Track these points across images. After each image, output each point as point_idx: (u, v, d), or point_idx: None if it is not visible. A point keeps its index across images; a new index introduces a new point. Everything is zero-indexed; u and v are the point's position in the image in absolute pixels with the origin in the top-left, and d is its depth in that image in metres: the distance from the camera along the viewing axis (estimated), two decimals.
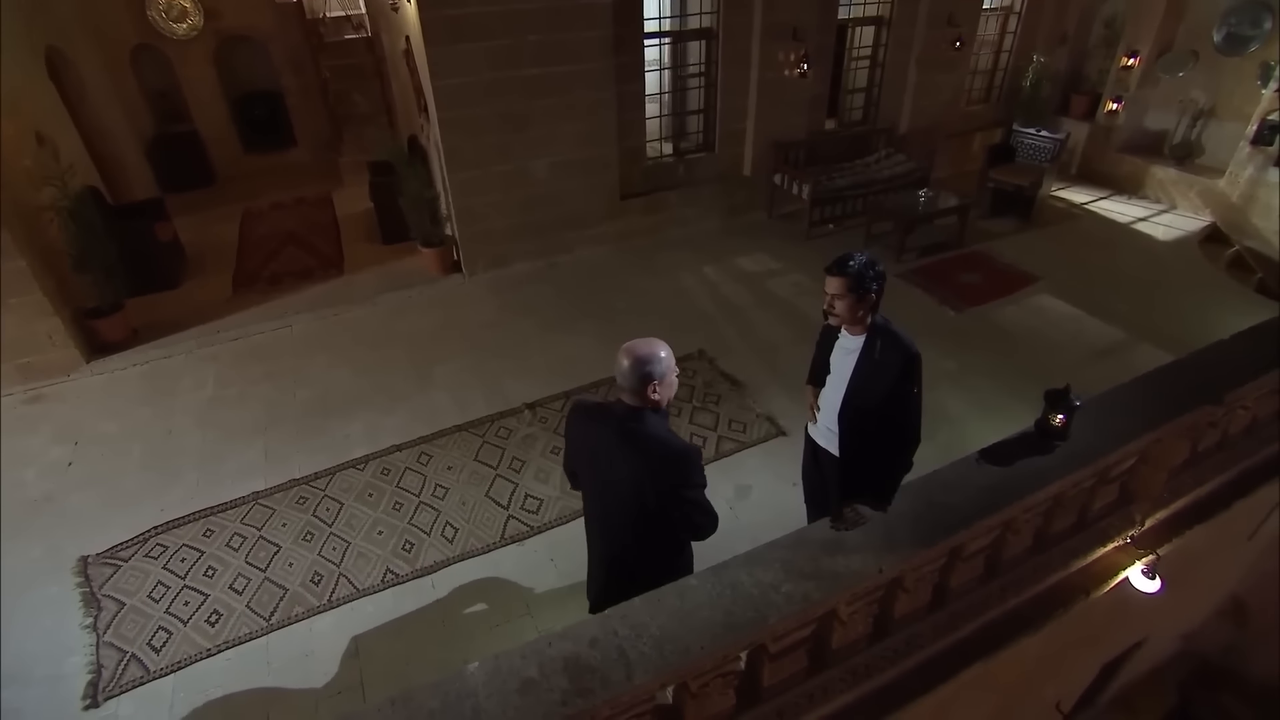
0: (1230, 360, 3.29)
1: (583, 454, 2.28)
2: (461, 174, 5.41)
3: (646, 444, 2.06)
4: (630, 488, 2.14)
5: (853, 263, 2.37)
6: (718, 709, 2.41)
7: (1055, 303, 5.56)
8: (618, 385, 2.08)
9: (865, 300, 2.42)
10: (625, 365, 2.04)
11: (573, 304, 5.65)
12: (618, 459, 2.11)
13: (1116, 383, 4.62)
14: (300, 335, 5.31)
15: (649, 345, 2.07)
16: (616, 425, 2.09)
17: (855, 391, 2.59)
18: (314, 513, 3.78)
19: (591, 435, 2.19)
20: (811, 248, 6.49)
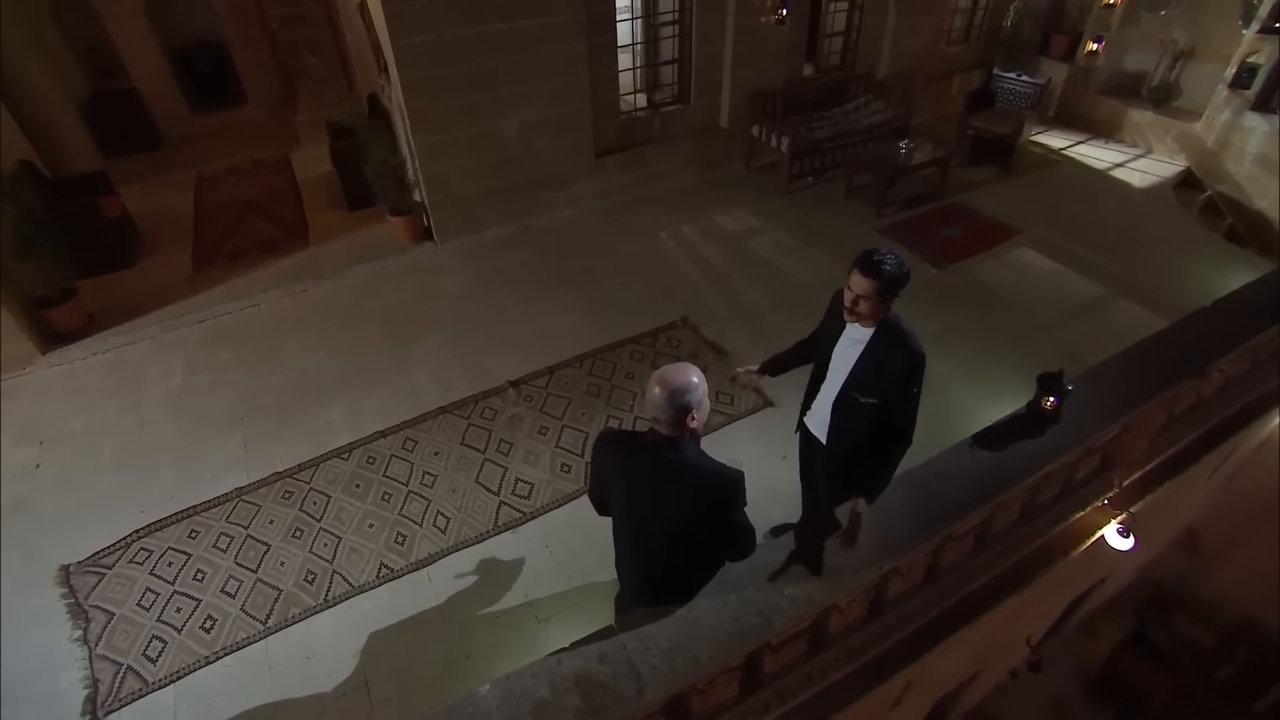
0: (1210, 329, 3.34)
1: (615, 487, 2.18)
2: (428, 138, 5.14)
3: (693, 477, 1.98)
4: (676, 522, 2.05)
5: (886, 266, 2.26)
6: (721, 699, 2.47)
7: (1036, 257, 5.57)
8: (651, 416, 1.97)
9: (889, 301, 2.34)
10: (660, 397, 1.91)
11: (550, 271, 5.50)
12: (663, 495, 2.03)
13: (1096, 341, 4.72)
14: (269, 314, 5.11)
15: (682, 373, 1.93)
16: (654, 459, 2.00)
17: (854, 382, 2.55)
18: (301, 507, 3.72)
19: (625, 469, 2.10)
20: (791, 203, 6.37)
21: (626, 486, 2.13)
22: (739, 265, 5.59)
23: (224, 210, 6.24)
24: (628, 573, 2.42)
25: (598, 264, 5.58)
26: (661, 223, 6.07)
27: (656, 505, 2.06)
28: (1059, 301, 5.11)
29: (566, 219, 6.10)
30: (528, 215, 5.93)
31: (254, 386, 4.49)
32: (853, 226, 5.99)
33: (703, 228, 6.04)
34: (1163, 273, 5.31)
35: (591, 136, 5.80)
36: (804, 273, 5.46)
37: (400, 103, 5.01)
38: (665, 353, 4.73)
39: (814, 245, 5.77)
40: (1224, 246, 5.79)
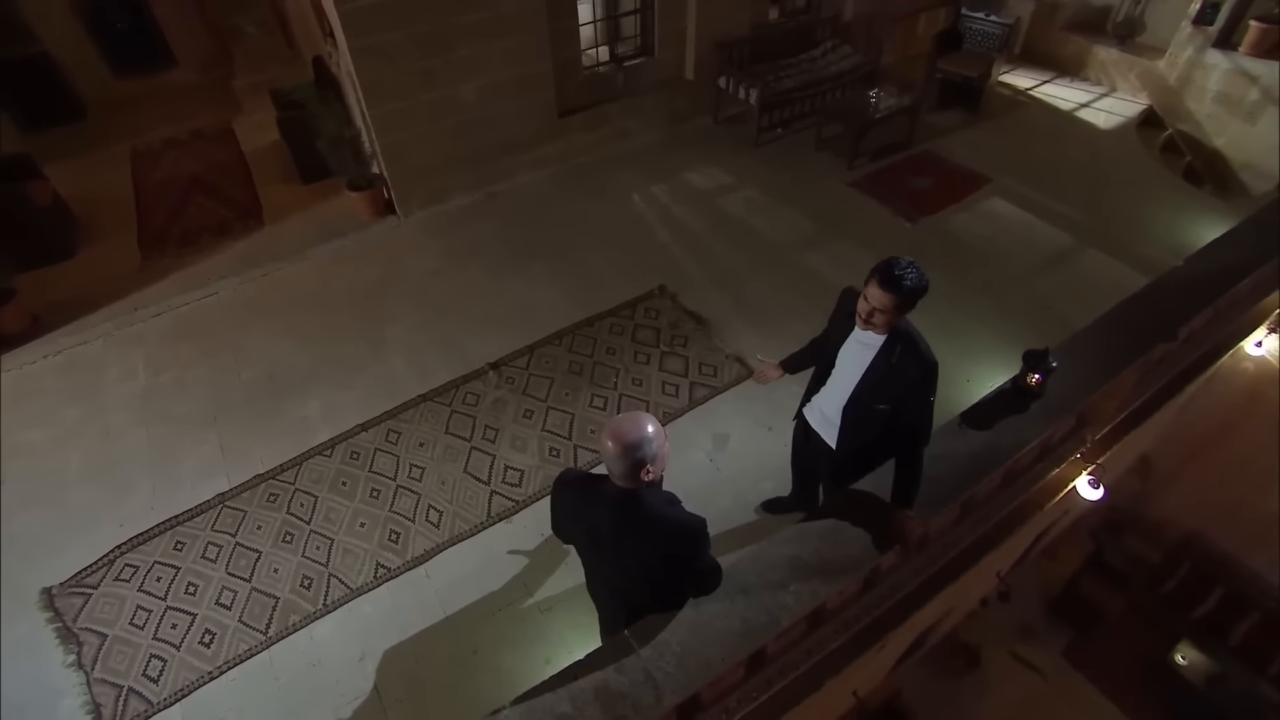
0: (1180, 289, 3.43)
1: (577, 530, 2.17)
2: (383, 108, 4.84)
3: (650, 528, 1.96)
4: (638, 569, 2.07)
5: (907, 281, 2.21)
6: (728, 684, 2.56)
7: (1006, 206, 5.60)
8: (607, 469, 1.91)
9: (905, 311, 2.31)
10: (613, 452, 1.82)
11: (521, 241, 5.34)
12: (623, 545, 2.02)
13: (1069, 292, 4.81)
14: (230, 303, 4.88)
15: (635, 426, 1.83)
16: (612, 511, 1.95)
17: (866, 390, 2.53)
18: (288, 510, 3.66)
19: (585, 517, 2.08)
20: (761, 157, 6.24)
21: (587, 536, 2.13)
22: (713, 227, 5.50)
23: (167, 189, 5.85)
24: (602, 603, 2.46)
25: (568, 232, 5.43)
26: (631, 183, 5.90)
27: (618, 553, 2.06)
28: (1031, 252, 5.17)
29: (532, 183, 5.89)
30: (492, 182, 5.71)
31: (223, 383, 4.33)
32: (825, 181, 5.91)
33: (674, 187, 5.90)
34: (1128, 221, 5.39)
35: (554, 96, 5.54)
36: (780, 232, 5.41)
37: (350, 71, 4.69)
38: (645, 324, 4.68)
39: (788, 202, 5.70)
40: (1184, 189, 5.89)
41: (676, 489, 3.56)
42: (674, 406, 4.15)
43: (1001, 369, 4.27)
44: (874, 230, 5.39)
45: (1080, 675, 6.65)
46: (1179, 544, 7.34)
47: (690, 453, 3.92)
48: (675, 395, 4.23)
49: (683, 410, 4.13)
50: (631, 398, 4.20)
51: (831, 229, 5.43)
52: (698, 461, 3.87)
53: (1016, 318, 4.61)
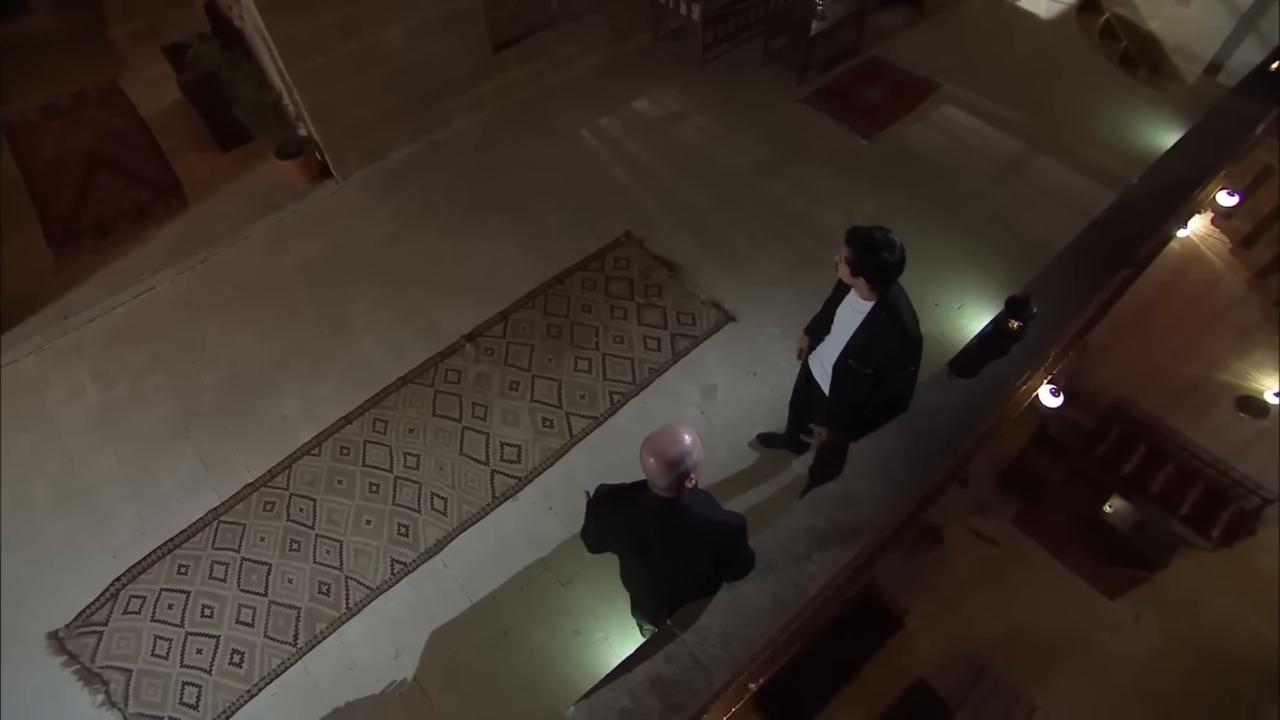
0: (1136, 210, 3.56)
1: (619, 543, 2.26)
2: (304, 65, 4.37)
3: (696, 532, 2.04)
4: (683, 570, 2.18)
5: (858, 235, 2.38)
6: None
7: (957, 113, 5.58)
8: (650, 482, 1.96)
9: (873, 280, 2.38)
10: (657, 469, 1.87)
11: (472, 195, 5.06)
12: (670, 549, 2.10)
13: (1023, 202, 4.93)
14: (171, 299, 4.54)
15: (674, 441, 1.86)
16: (657, 520, 2.02)
17: (851, 351, 2.66)
18: (288, 517, 3.61)
19: (628, 528, 2.15)
20: (708, 76, 5.97)
21: (630, 543, 2.21)
22: (669, 160, 5.32)
23: (61, 169, 5.21)
24: (643, 598, 2.57)
25: (520, 178, 5.17)
26: (578, 118, 5.59)
27: (665, 558, 2.15)
28: (985, 161, 5.23)
29: (474, 127, 5.51)
30: (431, 130, 5.32)
31: (185, 389, 4.11)
32: (776, 99, 5.73)
33: (623, 119, 5.63)
34: (1073, 120, 5.45)
35: (485, 31, 5.09)
36: (738, 161, 5.28)
37: (260, 27, 4.18)
38: (616, 276, 4.61)
39: (742, 127, 5.53)
40: (1121, 81, 5.95)
41: None
42: (658, 361, 4.18)
43: (967, 291, 4.44)
44: (831, 150, 5.33)
45: (1028, 538, 7.38)
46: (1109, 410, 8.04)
47: (681, 407, 4.00)
48: (658, 349, 4.24)
49: (667, 364, 4.16)
50: (615, 356, 4.20)
51: (789, 152, 5.34)
52: (689, 416, 3.96)
53: (977, 234, 4.72)
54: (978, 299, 4.37)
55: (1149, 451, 7.73)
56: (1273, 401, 6.53)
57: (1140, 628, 6.87)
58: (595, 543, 2.34)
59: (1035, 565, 7.27)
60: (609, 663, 3.11)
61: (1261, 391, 6.56)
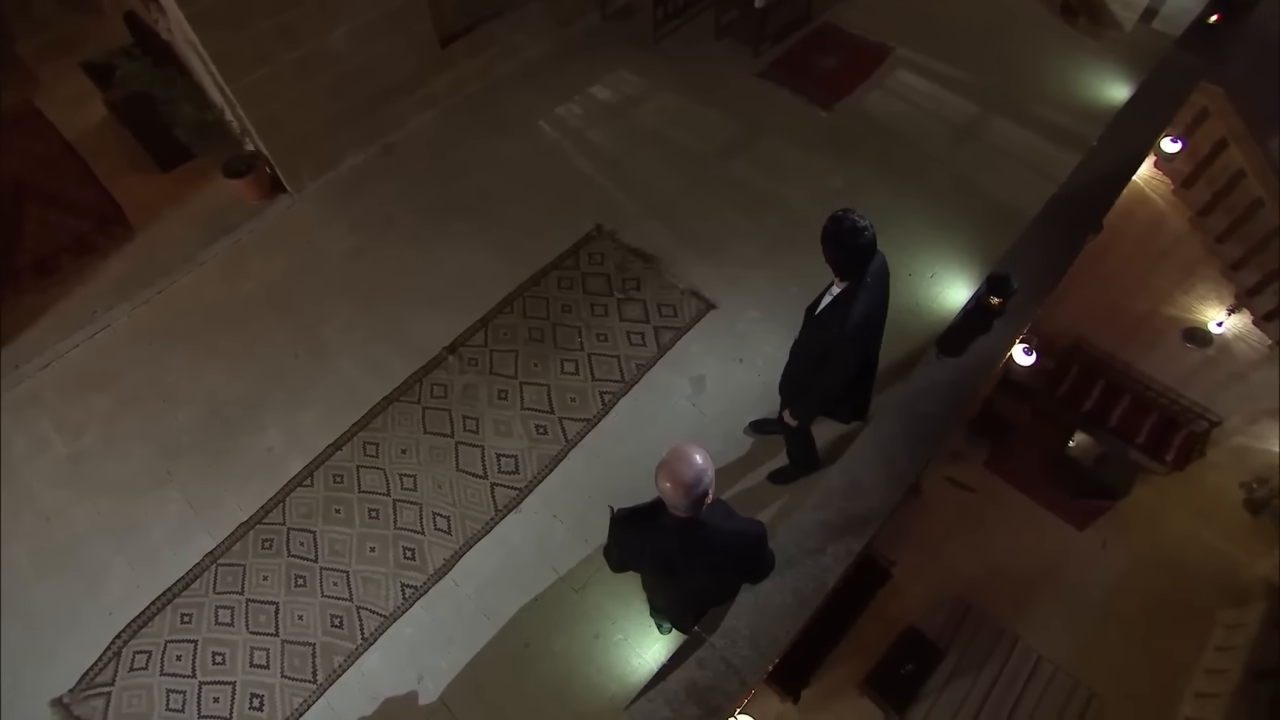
0: (1097, 173, 3.68)
1: (643, 560, 2.31)
2: (245, 79, 4.15)
3: (719, 545, 2.09)
4: (709, 581, 2.24)
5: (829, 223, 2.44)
6: None
7: (912, 78, 5.61)
8: (669, 505, 2.00)
9: (840, 265, 2.47)
10: (675, 494, 1.92)
11: (433, 199, 4.92)
12: (695, 563, 2.15)
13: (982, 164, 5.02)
14: (129, 335, 4.33)
15: (688, 464, 1.91)
16: (680, 539, 2.07)
17: (818, 319, 2.77)
18: (289, 553, 3.55)
19: (649, 546, 2.19)
20: (662, 54, 5.86)
21: (655, 563, 2.27)
22: (632, 146, 5.24)
23: None
24: (669, 608, 2.63)
25: (482, 177, 5.04)
26: (533, 108, 5.45)
27: (690, 574, 2.21)
28: (942, 125, 5.29)
29: (427, 126, 5.33)
30: (384, 133, 5.13)
31: (160, 431, 3.95)
32: (733, 74, 5.67)
33: (581, 106, 5.51)
34: (1023, 76, 5.53)
35: (430, 25, 4.89)
36: (701, 142, 5.24)
37: (193, 41, 3.93)
38: (592, 272, 4.56)
39: (701, 106, 5.47)
40: (1063, 31, 6.02)
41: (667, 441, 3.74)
42: (644, 356, 4.19)
43: (938, 258, 4.52)
44: (793, 124, 5.32)
45: (1000, 480, 7.71)
46: (1068, 350, 8.38)
47: (673, 401, 4.02)
48: (643, 344, 4.24)
49: (653, 358, 4.17)
50: (601, 355, 4.19)
51: (751, 129, 5.31)
52: (682, 409, 3.99)
53: (942, 200, 4.80)
54: (949, 265, 4.46)
55: (1106, 387, 8.12)
56: (1216, 331, 6.91)
57: (1107, 554, 7.30)
58: (619, 563, 2.37)
59: (1008, 505, 7.63)
60: (631, 664, 3.19)
61: (1205, 323, 6.93)
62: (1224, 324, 6.64)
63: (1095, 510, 7.28)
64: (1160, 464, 7.46)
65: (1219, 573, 6.91)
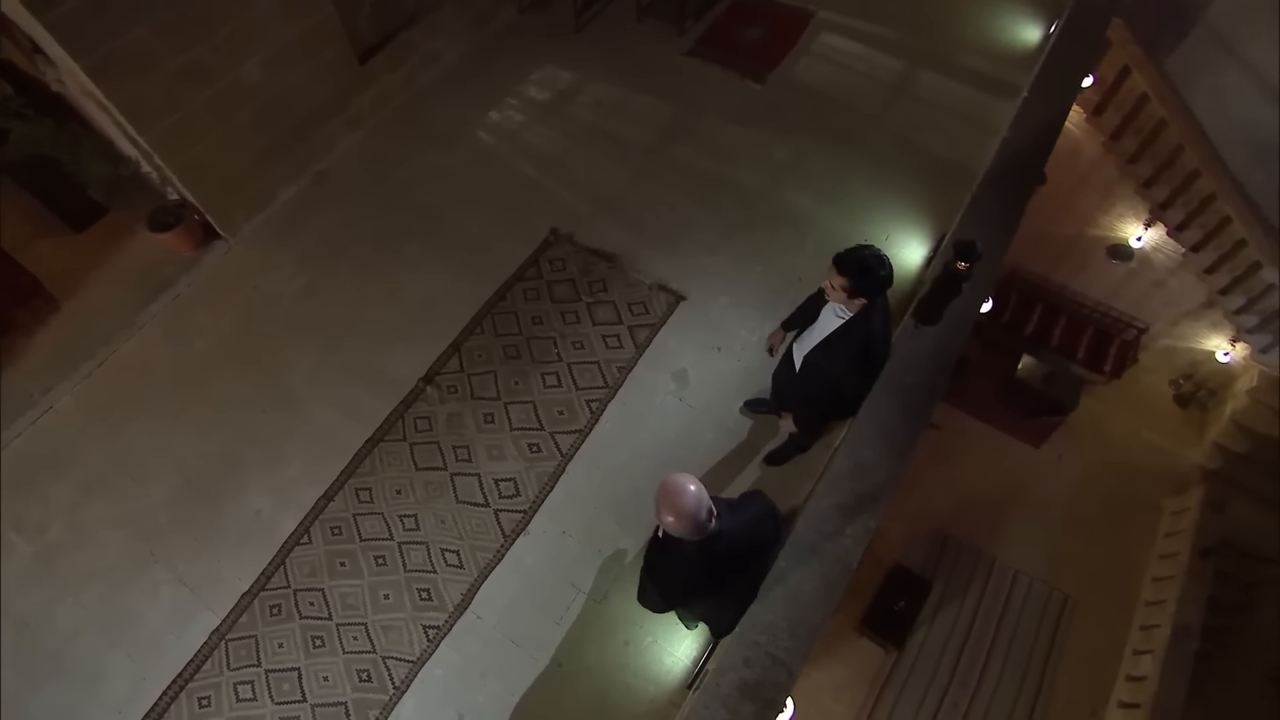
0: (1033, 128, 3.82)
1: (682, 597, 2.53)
2: (158, 127, 3.87)
3: (743, 541, 2.29)
4: (748, 578, 2.41)
5: (875, 278, 2.49)
6: None
7: (838, 40, 5.66)
8: (680, 535, 2.13)
9: (865, 296, 2.54)
10: (681, 525, 2.06)
11: (380, 222, 4.74)
12: (726, 577, 2.32)
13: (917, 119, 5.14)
14: (77, 414, 4.06)
15: (682, 493, 2.05)
16: (706, 558, 2.20)
17: (823, 348, 2.87)
18: (300, 615, 3.46)
19: (682, 583, 2.36)
20: (586, 44, 5.74)
21: (694, 593, 2.44)
22: (573, 144, 5.15)
23: None
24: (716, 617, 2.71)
25: (425, 194, 4.88)
26: (466, 116, 5.28)
27: (730, 583, 2.38)
28: (874, 84, 5.39)
29: (358, 147, 5.10)
30: (314, 161, 4.88)
31: (134, 511, 3.75)
32: (660, 56, 5.61)
33: (513, 108, 5.36)
34: (944, 27, 5.66)
35: (346, 42, 4.65)
36: (640, 131, 5.19)
37: (93, 93, 3.63)
38: (556, 279, 4.52)
39: (635, 92, 5.40)
40: None
41: (661, 440, 3.83)
42: (623, 358, 4.20)
43: (890, 220, 4.65)
44: (728, 101, 5.33)
45: (960, 413, 8.10)
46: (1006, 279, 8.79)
47: (659, 398, 4.06)
48: (620, 345, 4.25)
49: (633, 359, 4.19)
50: (580, 364, 4.18)
51: (688, 112, 5.29)
52: (670, 406, 4.03)
53: (885, 161, 4.92)
54: (902, 226, 4.60)
55: (1044, 309, 8.58)
56: (1136, 246, 7.35)
57: (1063, 465, 7.80)
58: (662, 606, 2.45)
59: (971, 435, 8.03)
60: (665, 664, 3.28)
61: (1126, 239, 7.36)
62: (1142, 238, 7.06)
63: (1048, 427, 7.75)
64: (1100, 375, 7.98)
65: (1161, 466, 7.49)
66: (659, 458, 3.84)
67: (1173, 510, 7.08)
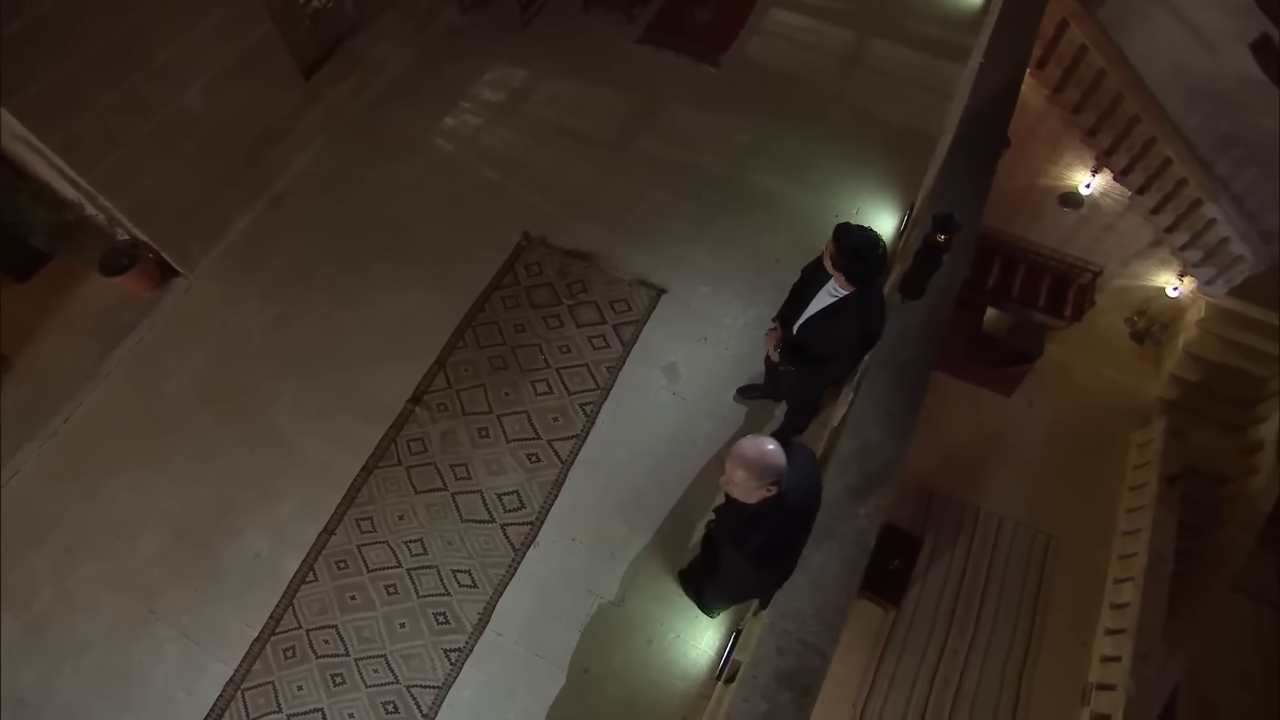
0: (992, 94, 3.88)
1: (780, 556, 2.56)
2: (101, 166, 3.66)
3: (806, 493, 2.41)
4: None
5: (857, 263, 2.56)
6: None
7: (787, 16, 5.66)
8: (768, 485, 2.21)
9: (858, 276, 2.55)
10: (755, 482, 2.16)
11: (345, 242, 4.60)
12: (806, 522, 2.50)
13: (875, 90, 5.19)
14: (47, 475, 3.86)
15: (753, 454, 2.14)
16: (782, 515, 2.30)
17: (816, 318, 2.91)
18: (317, 655, 3.40)
19: (772, 538, 2.41)
20: (535, 39, 5.62)
21: (786, 549, 2.52)
22: (534, 144, 5.06)
23: None
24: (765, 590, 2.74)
25: (388, 208, 4.75)
26: (419, 124, 5.13)
27: (799, 534, 2.50)
28: (828, 57, 5.42)
29: (311, 167, 4.92)
30: (268, 185, 4.70)
31: (124, 570, 3.61)
32: (612, 46, 5.53)
33: (469, 112, 5.23)
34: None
35: (289, 59, 4.46)
36: (601, 125, 5.12)
37: (24, 136, 3.41)
38: (534, 284, 4.46)
39: (591, 85, 5.32)
40: None
41: (658, 436, 3.86)
42: (612, 358, 4.18)
43: (858, 194, 4.71)
44: (686, 87, 5.29)
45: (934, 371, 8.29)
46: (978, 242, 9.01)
47: (652, 394, 4.06)
48: (606, 345, 4.23)
49: (622, 358, 4.17)
50: (569, 368, 4.15)
51: (646, 101, 5.24)
52: (664, 401, 4.04)
53: (847, 136, 4.96)
54: (871, 198, 4.66)
55: (1004, 262, 8.81)
56: (1085, 192, 7.58)
57: (1035, 411, 8.07)
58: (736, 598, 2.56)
59: (946, 391, 8.23)
60: (690, 657, 3.32)
61: (1075, 186, 7.58)
62: (1091, 185, 7.28)
63: (1018, 375, 8.00)
64: (1061, 319, 8.25)
65: (1125, 402, 7.81)
66: (658, 454, 3.85)
67: (1139, 443, 7.40)
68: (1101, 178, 7.25)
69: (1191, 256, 7.00)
